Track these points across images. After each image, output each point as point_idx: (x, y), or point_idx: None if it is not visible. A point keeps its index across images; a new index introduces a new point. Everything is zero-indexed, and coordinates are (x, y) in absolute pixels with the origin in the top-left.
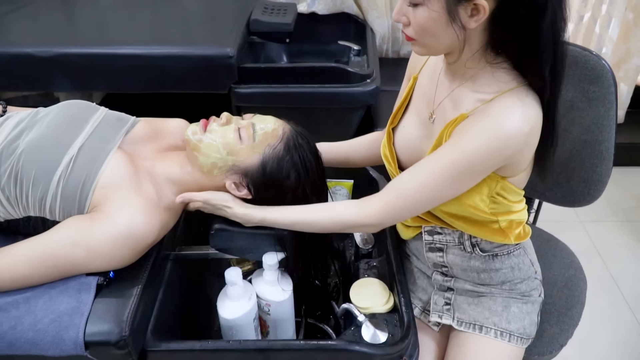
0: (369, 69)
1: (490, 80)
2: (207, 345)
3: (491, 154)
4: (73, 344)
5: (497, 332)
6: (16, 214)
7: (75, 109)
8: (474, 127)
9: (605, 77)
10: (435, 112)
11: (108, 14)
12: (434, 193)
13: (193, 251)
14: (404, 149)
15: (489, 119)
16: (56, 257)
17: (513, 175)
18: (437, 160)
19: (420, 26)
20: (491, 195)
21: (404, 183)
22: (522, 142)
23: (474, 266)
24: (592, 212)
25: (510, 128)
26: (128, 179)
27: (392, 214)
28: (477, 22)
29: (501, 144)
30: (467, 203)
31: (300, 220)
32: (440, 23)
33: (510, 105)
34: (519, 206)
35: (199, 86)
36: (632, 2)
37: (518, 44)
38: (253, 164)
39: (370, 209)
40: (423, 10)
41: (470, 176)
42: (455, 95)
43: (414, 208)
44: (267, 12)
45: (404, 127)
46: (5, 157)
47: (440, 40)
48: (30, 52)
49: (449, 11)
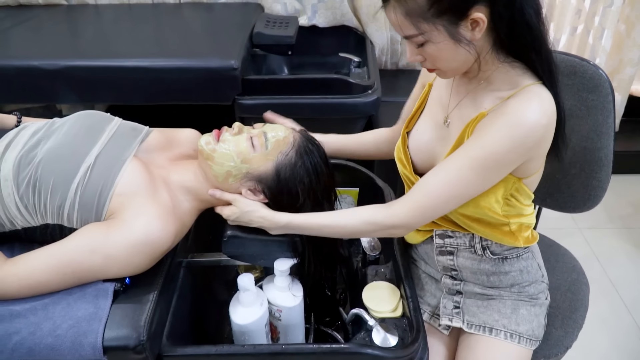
0: (370, 80)
1: (506, 78)
2: (222, 350)
3: (515, 147)
4: (92, 349)
5: (507, 333)
6: (34, 222)
7: (90, 119)
8: (494, 123)
9: (602, 86)
10: (450, 116)
11: (112, 28)
12: (461, 189)
13: (205, 258)
14: (418, 152)
15: (509, 114)
16: (74, 264)
17: (528, 174)
18: (461, 157)
19: (434, 58)
20: (506, 197)
21: (430, 182)
22: (541, 134)
23: (484, 269)
24: (589, 219)
25: (530, 120)
26: (144, 187)
27: (421, 214)
28: (480, 32)
29: (523, 136)
30: (482, 205)
31: (328, 223)
32: (449, 49)
33: (528, 100)
34: (529, 210)
35: (204, 98)
36: (624, 14)
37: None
38: (267, 171)
39: (398, 211)
40: (430, 45)
41: (494, 171)
42: (472, 97)
43: (441, 206)
44: (270, 25)
45: (418, 131)
46: (23, 165)
47: (457, 62)
48: (37, 64)
49: (452, 36)
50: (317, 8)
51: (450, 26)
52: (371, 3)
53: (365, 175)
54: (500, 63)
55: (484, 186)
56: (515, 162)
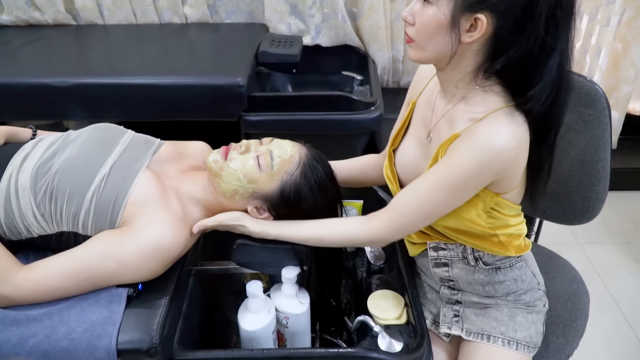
0: (372, 97)
1: (481, 101)
2: (232, 354)
3: (482, 169)
4: (106, 352)
5: (504, 340)
6: (50, 230)
7: (105, 131)
8: (464, 145)
9: (599, 100)
10: (431, 132)
11: (120, 47)
12: (432, 208)
13: (214, 266)
14: (404, 168)
15: (478, 136)
16: (88, 270)
17: (506, 191)
18: (433, 177)
19: (423, 24)
20: (487, 210)
21: (405, 200)
22: (510, 156)
23: (479, 279)
24: (589, 234)
25: (498, 143)
26: (156, 196)
27: (397, 230)
28: (470, 37)
29: (490, 158)
30: (464, 217)
31: (312, 236)
32: (441, 26)
33: (498, 123)
34: (516, 220)
35: (210, 114)
36: (621, 34)
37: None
38: (272, 191)
39: (376, 226)
40: (432, 9)
41: (464, 190)
42: (450, 115)
43: (416, 222)
44: (275, 44)
45: (404, 149)
46: (40, 175)
47: (435, 44)
48: (47, 82)
49: (453, 16)
50: (321, 28)
51: (458, 7)
52: (373, 23)
53: (368, 188)
54: (476, 86)
55: (454, 204)
56: (483, 182)
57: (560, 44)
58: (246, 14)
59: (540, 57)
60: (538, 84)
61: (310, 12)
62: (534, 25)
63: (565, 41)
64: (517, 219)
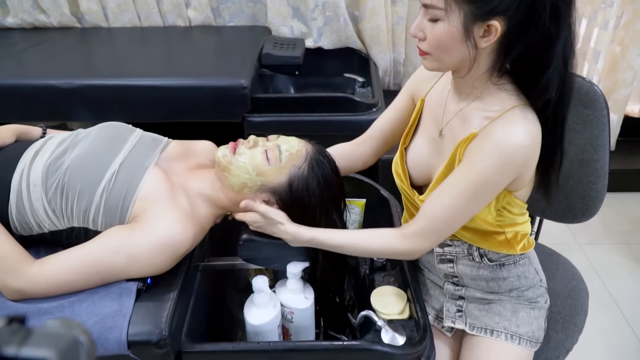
0: (374, 98)
1: (495, 99)
2: (238, 347)
3: (502, 169)
4: (117, 343)
5: (507, 335)
6: (61, 225)
7: (114, 129)
8: (482, 146)
9: (597, 101)
10: (444, 129)
11: (125, 49)
12: (461, 213)
13: (220, 262)
14: (417, 166)
15: (495, 137)
16: (99, 264)
17: (518, 188)
18: (458, 183)
19: (437, 40)
20: (498, 208)
21: (434, 209)
22: (527, 154)
23: (483, 275)
24: (589, 235)
25: (514, 142)
26: (165, 192)
27: (431, 239)
28: (486, 42)
29: (509, 156)
30: (477, 216)
31: (348, 243)
32: (455, 39)
33: (513, 122)
34: (523, 218)
35: (214, 115)
36: (619, 37)
37: (528, 68)
38: (281, 183)
39: (412, 239)
40: (442, 25)
41: (488, 192)
42: (464, 113)
43: (447, 230)
44: (278, 47)
45: (416, 147)
46: (51, 172)
47: (453, 56)
48: (53, 83)
49: (465, 28)
50: (323, 31)
51: (469, 18)
52: (374, 26)
53: (371, 186)
54: (491, 84)
55: (480, 206)
56: (505, 181)
57: (564, 31)
58: (249, 17)
59: (547, 47)
60: (547, 72)
61: (313, 15)
62: (539, 17)
63: (568, 29)
64: (523, 218)
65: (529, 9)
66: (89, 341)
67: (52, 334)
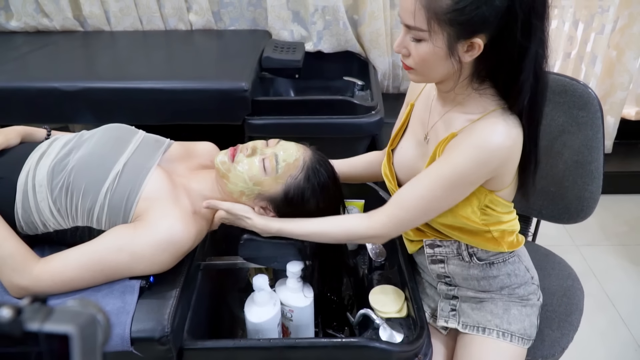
0: (373, 101)
1: (477, 103)
2: (239, 344)
3: (478, 166)
4: (120, 339)
5: (499, 332)
6: (65, 225)
7: (117, 131)
8: (462, 143)
9: (592, 103)
10: (429, 134)
11: (127, 52)
12: (431, 204)
13: (221, 261)
14: (402, 168)
15: (475, 135)
16: (103, 262)
17: (499, 189)
18: (432, 174)
19: (421, 58)
20: (481, 207)
21: (405, 197)
22: (505, 155)
23: (474, 274)
24: (586, 236)
25: (494, 142)
26: (167, 192)
27: (397, 225)
28: (471, 57)
29: (487, 156)
30: (460, 214)
31: (314, 231)
32: (439, 56)
33: (494, 123)
34: (509, 217)
35: (215, 118)
36: (615, 41)
37: (503, 76)
38: (277, 193)
39: (377, 223)
40: (426, 45)
41: (461, 187)
42: (447, 118)
43: (414, 218)
44: (278, 50)
45: (402, 149)
46: (57, 172)
47: (437, 71)
48: (56, 86)
49: (449, 47)
50: (323, 35)
51: (452, 37)
52: (374, 30)
53: (369, 188)
54: (472, 90)
55: (453, 201)
56: (480, 179)
57: (534, 45)
58: (250, 21)
59: (517, 59)
60: (519, 81)
61: (313, 19)
62: (511, 32)
63: (539, 42)
64: (509, 216)
65: (504, 25)
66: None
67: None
